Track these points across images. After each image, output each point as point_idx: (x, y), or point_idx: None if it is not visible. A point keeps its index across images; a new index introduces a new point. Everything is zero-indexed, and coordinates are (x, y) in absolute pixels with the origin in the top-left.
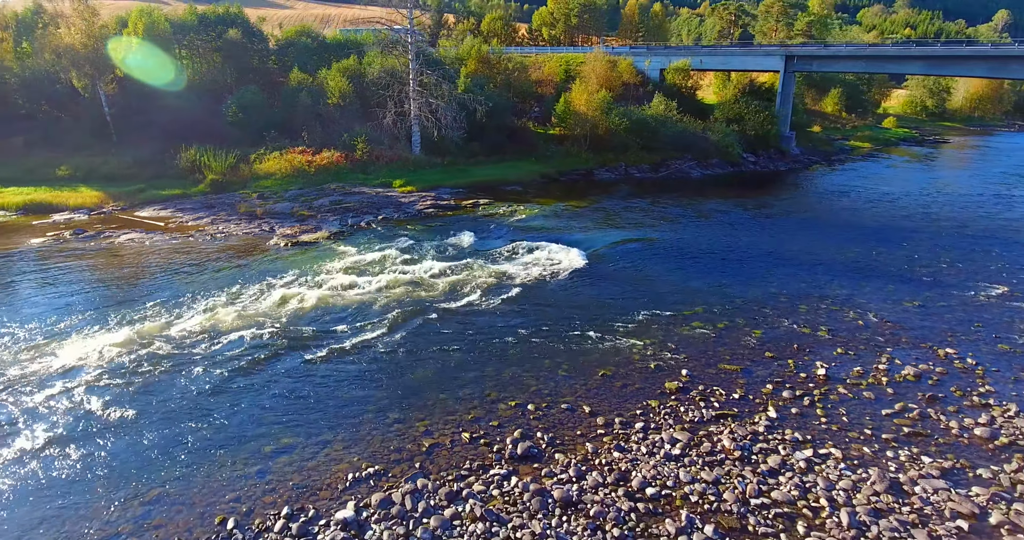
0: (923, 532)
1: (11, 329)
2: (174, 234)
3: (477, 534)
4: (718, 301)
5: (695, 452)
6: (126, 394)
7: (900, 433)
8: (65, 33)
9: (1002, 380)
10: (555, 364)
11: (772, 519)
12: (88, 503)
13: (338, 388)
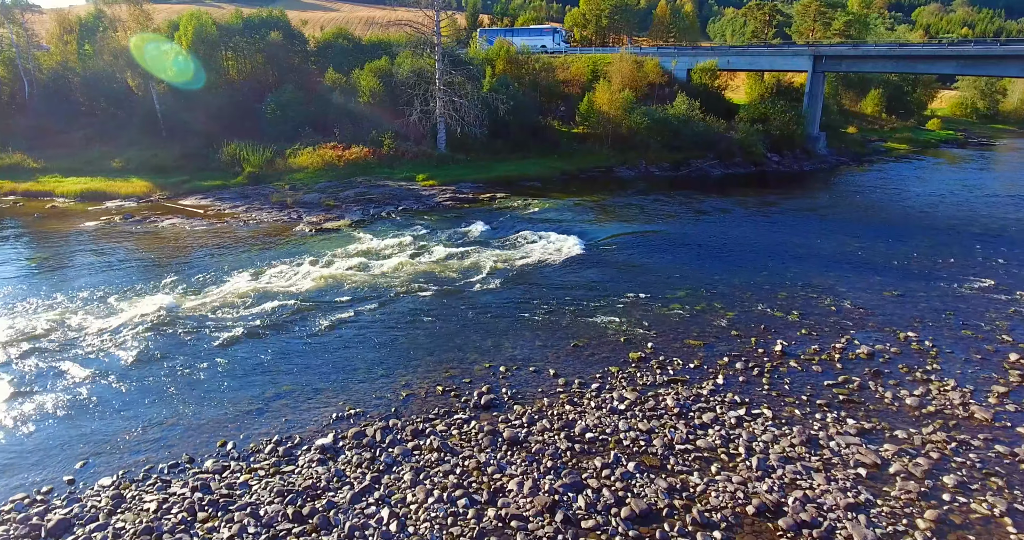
0: (822, 475)
1: (68, 293)
2: (211, 220)
3: (432, 461)
4: (701, 287)
5: (639, 408)
6: (157, 345)
7: (835, 400)
8: (122, 36)
9: (952, 360)
10: (534, 336)
11: (690, 460)
12: (117, 425)
13: (338, 349)
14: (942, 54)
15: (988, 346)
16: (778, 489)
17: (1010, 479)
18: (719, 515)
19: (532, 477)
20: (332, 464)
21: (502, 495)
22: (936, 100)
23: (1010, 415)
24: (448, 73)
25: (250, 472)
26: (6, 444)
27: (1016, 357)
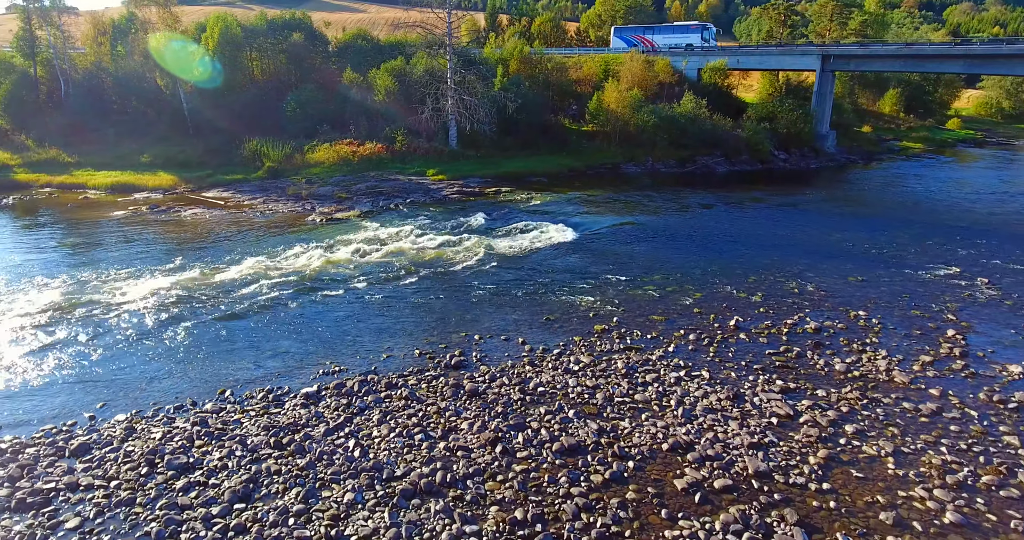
0: (737, 423)
1: (97, 269)
2: (231, 210)
3: (399, 406)
4: (677, 272)
5: (591, 370)
6: (173, 313)
7: (771, 365)
8: (152, 37)
9: (892, 335)
10: (511, 311)
11: (625, 410)
12: (133, 376)
13: (332, 320)
14: (949, 53)
15: (931, 324)
16: (695, 432)
17: (906, 429)
18: (637, 450)
19: (482, 420)
20: (313, 408)
21: (454, 433)
22: (960, 100)
23: (927, 380)
24: (459, 72)
25: (243, 412)
26: (39, 388)
27: (953, 333)
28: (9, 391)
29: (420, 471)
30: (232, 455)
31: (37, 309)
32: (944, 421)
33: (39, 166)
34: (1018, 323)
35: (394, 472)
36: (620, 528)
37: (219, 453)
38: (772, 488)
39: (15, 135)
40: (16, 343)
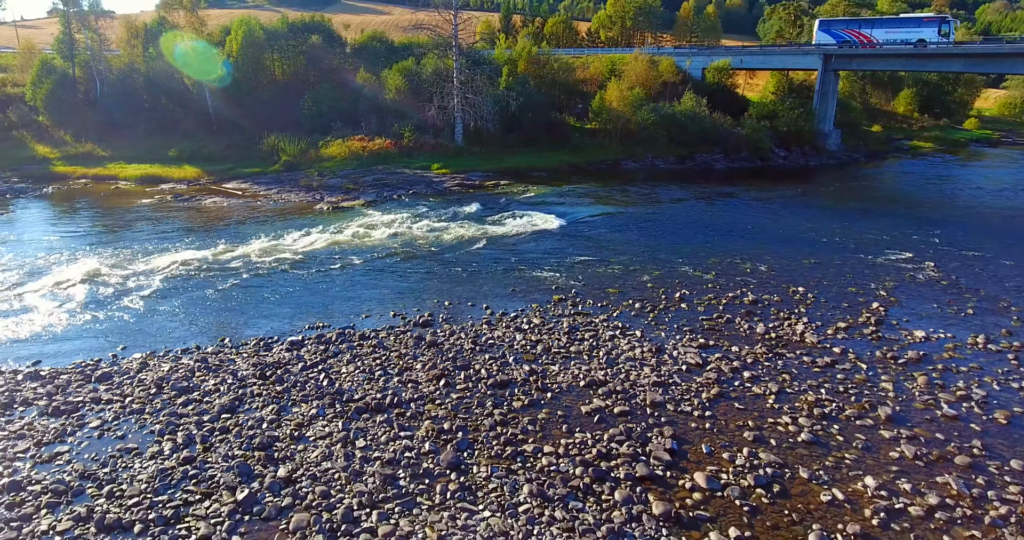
0: (650, 368)
1: (126, 246)
2: (247, 199)
3: (367, 352)
4: (644, 254)
5: (539, 329)
6: (187, 280)
7: (699, 328)
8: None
9: (821, 307)
10: (484, 284)
11: (558, 358)
12: (150, 327)
13: (325, 288)
14: (950, 52)
15: (861, 299)
16: (611, 374)
17: (796, 376)
18: (557, 385)
19: (435, 362)
20: (295, 352)
21: (409, 371)
22: (986, 100)
23: (834, 341)
24: (464, 72)
25: (237, 354)
26: (73, 334)
27: (877, 305)
28: (49, 335)
29: (374, 395)
30: (224, 382)
31: (73, 275)
32: (834, 371)
33: (76, 159)
34: (943, 299)
35: (352, 396)
36: (525, 436)
37: (214, 381)
38: (662, 414)
39: (55, 131)
40: (55, 300)
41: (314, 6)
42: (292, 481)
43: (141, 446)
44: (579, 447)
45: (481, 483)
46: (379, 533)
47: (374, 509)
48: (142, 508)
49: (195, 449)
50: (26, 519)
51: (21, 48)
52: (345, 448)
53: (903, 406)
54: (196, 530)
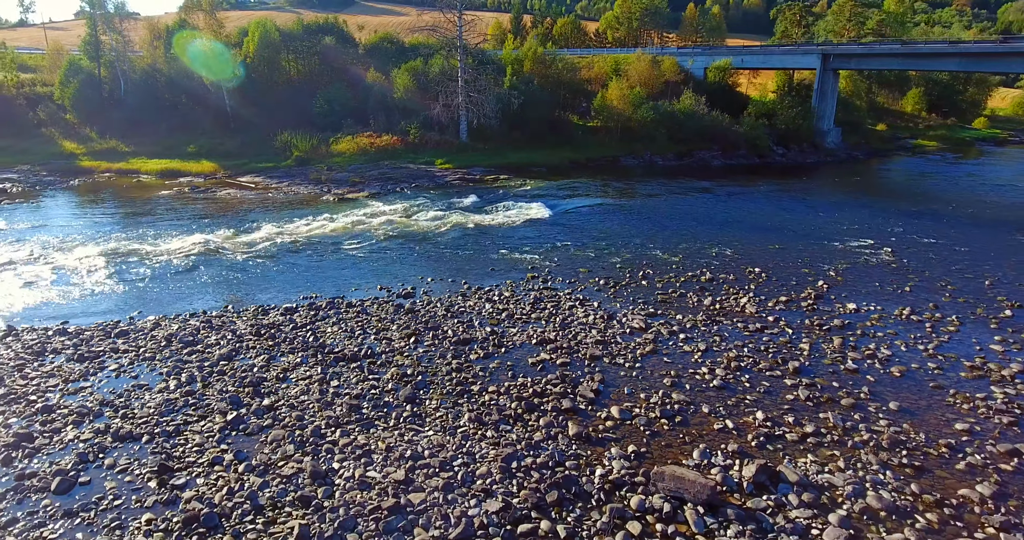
0: (597, 330)
1: (146, 230)
2: (259, 191)
3: (351, 316)
4: (620, 240)
5: (508, 301)
6: (200, 259)
7: (653, 300)
8: (200, 41)
9: (769, 284)
10: (466, 264)
11: (520, 322)
12: (164, 295)
13: (321, 266)
14: (945, 52)
15: (810, 278)
16: (562, 336)
17: (725, 338)
18: (512, 343)
19: (409, 325)
20: (289, 316)
21: (385, 332)
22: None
23: (772, 311)
24: (468, 71)
25: (238, 317)
26: (96, 300)
27: (822, 283)
28: (75, 301)
29: (351, 348)
30: (224, 338)
31: (97, 252)
32: (762, 335)
33: (100, 154)
34: (887, 279)
35: (332, 349)
36: (475, 380)
37: (215, 337)
38: (597, 365)
39: (81, 128)
40: (81, 272)
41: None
42: (273, 408)
43: (151, 383)
44: (519, 388)
45: (430, 412)
46: (339, 444)
47: (338, 428)
48: (149, 425)
49: (196, 386)
50: (56, 431)
51: (50, 49)
52: (320, 386)
53: (812, 362)
54: (192, 440)
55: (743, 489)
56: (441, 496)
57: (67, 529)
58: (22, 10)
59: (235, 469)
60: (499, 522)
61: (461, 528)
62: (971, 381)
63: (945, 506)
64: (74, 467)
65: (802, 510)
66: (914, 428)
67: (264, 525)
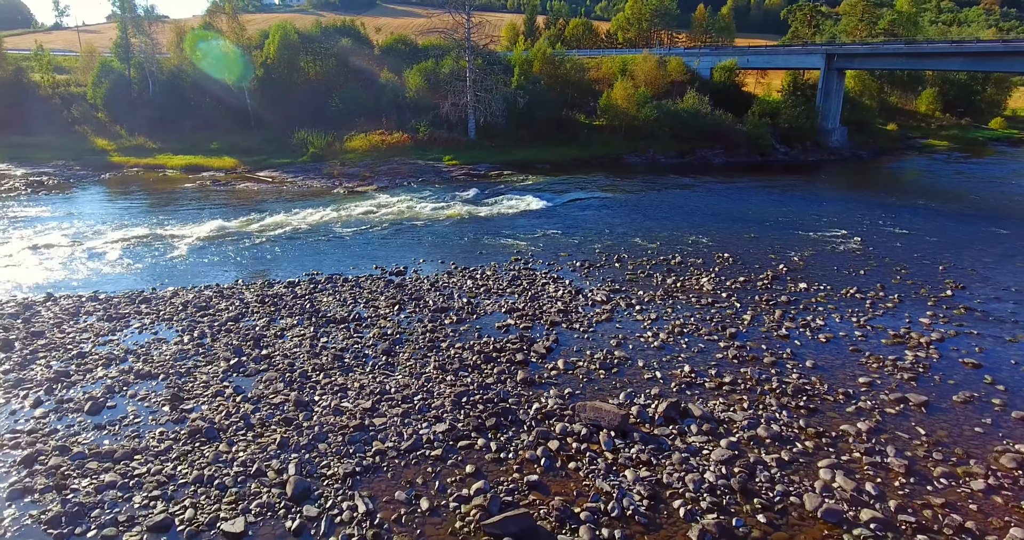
0: (563, 302)
1: (171, 217)
2: (275, 184)
3: (346, 290)
4: (606, 229)
5: (488, 279)
6: (217, 241)
7: (620, 279)
8: (223, 43)
9: (734, 268)
10: (456, 248)
11: (492, 295)
12: (183, 270)
13: (324, 249)
14: (949, 51)
15: (774, 262)
16: (530, 305)
17: (677, 310)
18: (484, 311)
19: (395, 297)
20: (291, 288)
21: (373, 302)
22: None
23: (726, 289)
24: (475, 71)
25: (246, 289)
26: (125, 275)
27: (782, 266)
28: (106, 275)
29: (342, 313)
30: (232, 304)
31: (125, 236)
32: (711, 308)
33: (129, 150)
34: (846, 264)
35: (325, 314)
36: (445, 339)
37: (225, 303)
38: (555, 329)
39: (111, 126)
40: (112, 252)
41: (355, 10)
42: (269, 357)
43: (168, 337)
44: (482, 345)
45: (402, 362)
46: (321, 383)
47: (323, 372)
48: (165, 368)
49: (206, 340)
50: (89, 370)
51: (83, 51)
52: (311, 341)
53: (750, 330)
54: (200, 379)
55: (654, 420)
56: (399, 420)
57: (96, 438)
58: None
59: (233, 399)
60: (443, 439)
61: (411, 442)
62: (889, 347)
63: (824, 437)
64: (103, 395)
65: (699, 436)
66: (820, 381)
67: (253, 437)
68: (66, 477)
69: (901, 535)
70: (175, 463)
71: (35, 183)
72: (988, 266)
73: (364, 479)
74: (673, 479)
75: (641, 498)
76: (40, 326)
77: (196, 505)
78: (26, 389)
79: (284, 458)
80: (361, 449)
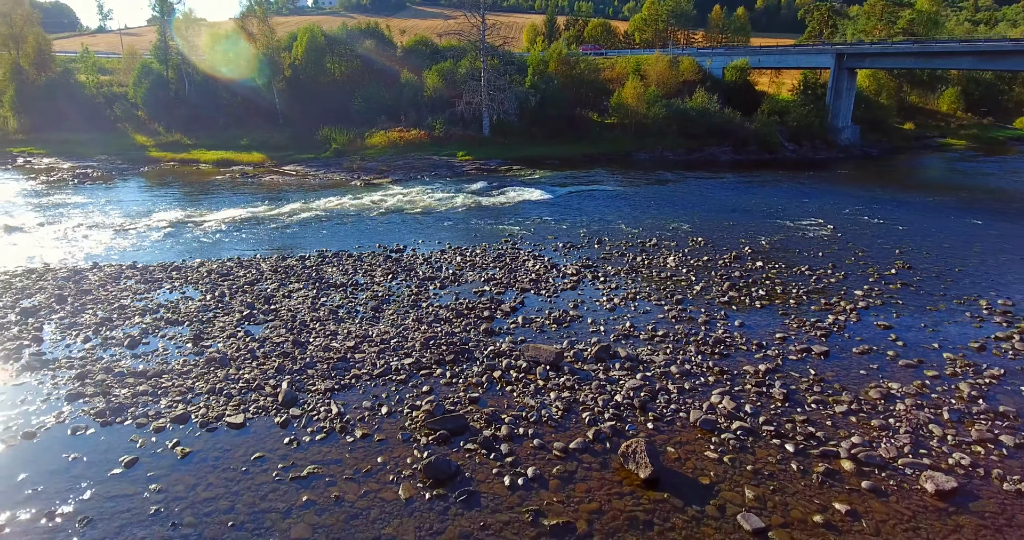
0: (536, 274)
1: (201, 205)
2: (298, 177)
3: (350, 263)
4: (597, 216)
5: (476, 255)
6: (241, 224)
7: (596, 258)
8: (254, 46)
9: (703, 249)
10: (454, 232)
11: (475, 269)
12: (209, 245)
13: (335, 231)
14: (957, 50)
15: (742, 245)
16: (507, 276)
17: (637, 281)
18: (465, 280)
19: (391, 269)
20: (302, 261)
21: (370, 272)
22: None
23: (688, 266)
24: (488, 71)
25: (263, 261)
26: (159, 252)
27: (748, 248)
28: (143, 250)
29: (342, 280)
30: (249, 272)
31: (162, 220)
32: (668, 281)
33: (166, 146)
34: (809, 247)
35: (328, 280)
36: (426, 300)
37: (243, 271)
38: (525, 294)
39: (150, 123)
40: (149, 232)
41: (386, 12)
42: (276, 311)
43: (193, 296)
44: (457, 305)
45: (387, 316)
46: (316, 329)
47: (319, 322)
48: (190, 317)
49: (224, 298)
50: (128, 318)
51: (125, 54)
52: (312, 300)
53: (696, 298)
54: (217, 325)
55: (585, 360)
56: (376, 355)
57: (132, 363)
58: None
59: (244, 339)
60: (408, 369)
61: (382, 370)
62: (816, 312)
63: (726, 374)
64: (139, 335)
65: (619, 371)
66: (742, 336)
67: (256, 364)
68: (109, 387)
69: (760, 439)
70: (194, 380)
71: (81, 175)
72: (944, 251)
73: (340, 393)
74: (588, 398)
75: (557, 410)
76: (88, 287)
77: (208, 406)
78: (77, 330)
79: (279, 378)
80: (341, 374)
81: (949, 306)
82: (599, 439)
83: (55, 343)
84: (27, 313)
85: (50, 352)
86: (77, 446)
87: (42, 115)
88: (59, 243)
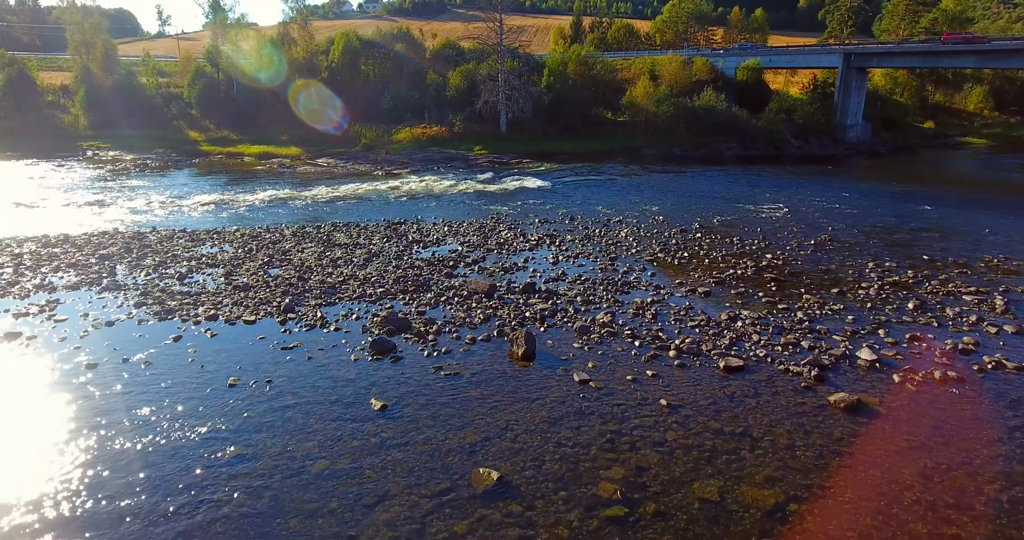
0: (506, 239)
1: (241, 189)
2: (329, 168)
3: (356, 230)
4: (588, 202)
5: (462, 228)
6: (272, 203)
7: (562, 230)
8: (295, 50)
9: (658, 226)
10: (454, 210)
11: (458, 237)
12: (244, 218)
13: (350, 209)
14: (962, 50)
15: (692, 222)
16: (480, 241)
17: (588, 246)
18: (444, 243)
19: (387, 234)
20: (317, 229)
21: (370, 236)
22: None
23: (638, 237)
24: (505, 71)
25: (286, 229)
26: (203, 221)
27: (696, 224)
28: (191, 220)
29: (346, 242)
30: (273, 236)
31: (208, 200)
32: (613, 245)
33: (215, 141)
34: (754, 223)
35: (335, 242)
36: (408, 255)
37: (269, 235)
38: (489, 254)
39: (202, 121)
40: (197, 208)
41: (427, 15)
42: (290, 260)
43: (228, 250)
44: (432, 259)
45: (374, 265)
46: (317, 272)
47: (320, 268)
48: (224, 262)
49: (252, 252)
50: (177, 262)
51: (181, 57)
52: (318, 255)
53: (629, 257)
54: (244, 268)
55: (513, 292)
56: (357, 286)
57: (179, 288)
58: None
59: (262, 276)
60: (379, 296)
61: (359, 294)
62: (724, 268)
63: (618, 303)
64: (186, 272)
65: (537, 299)
66: (648, 281)
67: (269, 290)
68: (163, 300)
69: (618, 338)
70: (223, 298)
71: (141, 165)
72: (876, 231)
73: (326, 307)
74: (504, 313)
75: (479, 319)
76: (148, 243)
77: (231, 311)
78: (141, 268)
79: (283, 297)
80: (329, 296)
81: (830, 270)
82: (502, 335)
83: (125, 275)
84: (104, 258)
85: (122, 280)
86: (141, 330)
87: (108, 113)
88: (125, 214)
